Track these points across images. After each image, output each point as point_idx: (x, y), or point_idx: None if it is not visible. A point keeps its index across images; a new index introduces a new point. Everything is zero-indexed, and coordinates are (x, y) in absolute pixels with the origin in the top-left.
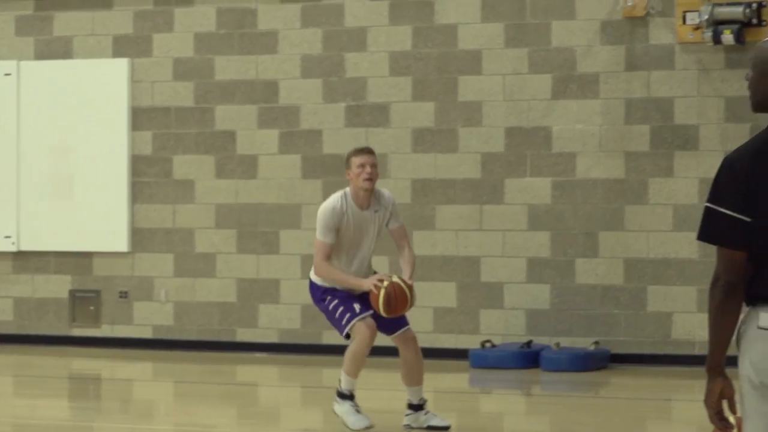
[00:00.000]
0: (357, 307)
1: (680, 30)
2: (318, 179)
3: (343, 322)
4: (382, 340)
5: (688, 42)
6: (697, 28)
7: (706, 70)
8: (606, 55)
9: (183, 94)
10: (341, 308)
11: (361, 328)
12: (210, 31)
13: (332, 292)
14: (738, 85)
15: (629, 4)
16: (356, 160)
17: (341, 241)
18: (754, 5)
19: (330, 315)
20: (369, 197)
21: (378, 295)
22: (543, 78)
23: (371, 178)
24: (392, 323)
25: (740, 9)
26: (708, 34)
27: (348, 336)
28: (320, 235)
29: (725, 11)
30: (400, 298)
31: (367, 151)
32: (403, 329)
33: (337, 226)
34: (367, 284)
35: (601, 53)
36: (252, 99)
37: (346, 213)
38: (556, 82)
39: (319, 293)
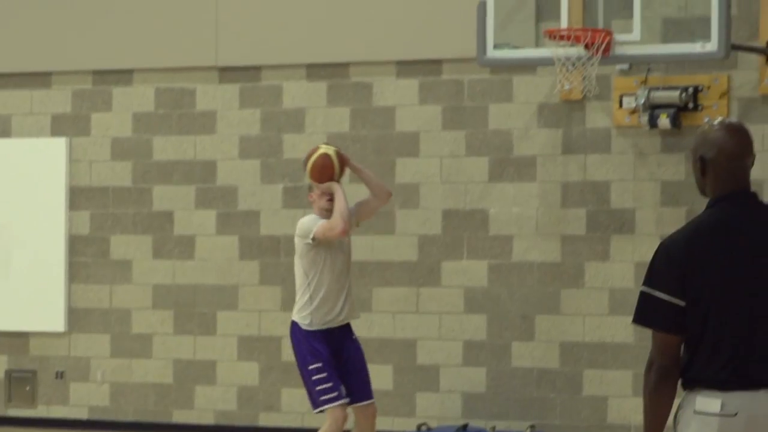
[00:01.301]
0: (342, 389)
1: (617, 114)
2: (255, 260)
3: (322, 398)
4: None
5: (625, 126)
6: (633, 111)
7: (642, 154)
8: (543, 138)
9: (121, 174)
10: (326, 384)
11: (337, 413)
12: (148, 110)
13: (317, 353)
14: (674, 169)
15: (566, 87)
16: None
17: (322, 257)
18: (690, 90)
19: (309, 381)
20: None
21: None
22: (480, 160)
23: (331, 200)
24: (359, 391)
25: (676, 93)
26: (644, 118)
27: (320, 410)
28: (319, 227)
29: (662, 95)
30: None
31: None
32: (367, 401)
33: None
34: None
35: (538, 136)
36: (190, 179)
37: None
38: (493, 164)
39: (303, 348)
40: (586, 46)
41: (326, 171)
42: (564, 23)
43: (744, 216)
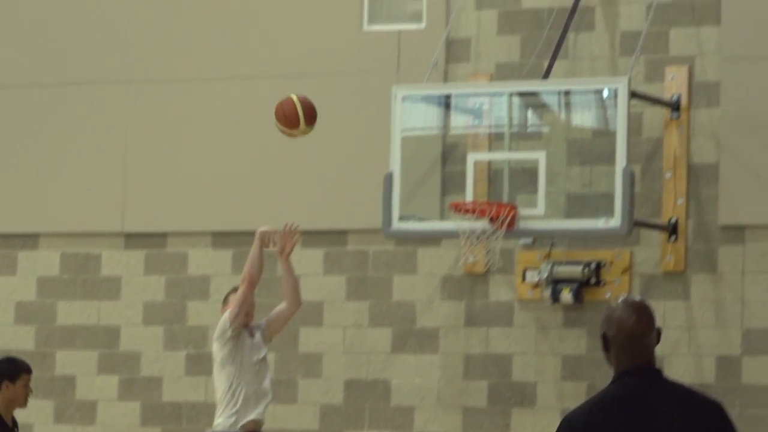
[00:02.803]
0: None
1: (520, 287)
2: (157, 427)
3: None
4: None
5: (528, 299)
6: (536, 286)
7: (544, 327)
8: (446, 311)
9: (24, 338)
10: None
11: None
12: (53, 275)
13: None
14: (576, 343)
15: (470, 260)
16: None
17: (245, 360)
18: (593, 265)
19: None
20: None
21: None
22: (383, 331)
23: (249, 314)
24: None
25: (579, 268)
26: (547, 293)
27: None
28: (229, 312)
29: (564, 270)
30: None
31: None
32: None
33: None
34: (258, 233)
35: (441, 308)
36: (93, 344)
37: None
38: (396, 335)
39: None
40: (491, 220)
41: (291, 114)
42: (469, 197)
43: (646, 391)
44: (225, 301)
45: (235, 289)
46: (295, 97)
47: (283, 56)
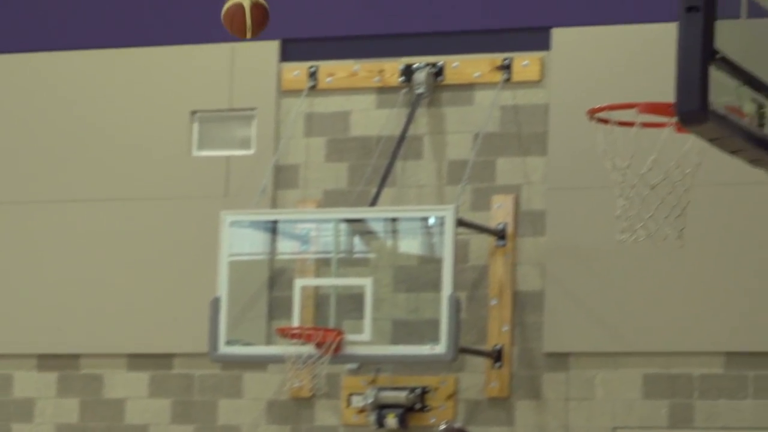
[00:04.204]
0: None
1: (345, 412)
2: None
3: None
4: None
5: (353, 424)
6: (361, 411)
7: None
8: None
9: None
10: None
11: None
12: None
13: None
14: None
15: (296, 385)
16: None
17: None
18: (418, 390)
19: None
20: None
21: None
22: None
23: None
24: None
25: (404, 394)
26: (372, 417)
27: None
28: None
29: (389, 395)
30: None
31: None
32: None
33: None
34: None
35: None
36: None
37: None
38: None
39: None
40: (317, 345)
41: (236, 19)
42: (296, 322)
43: None
44: None
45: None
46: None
47: (113, 180)
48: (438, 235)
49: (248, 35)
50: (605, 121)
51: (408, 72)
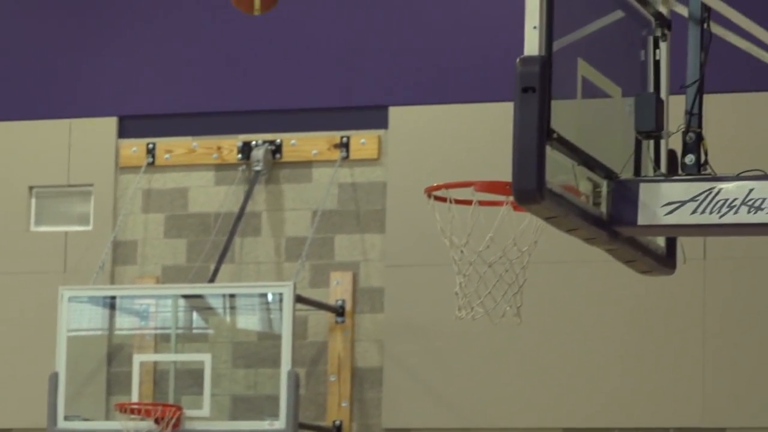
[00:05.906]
0: None
1: None
2: None
3: None
4: None
5: None
6: None
7: None
8: None
9: None
10: None
11: None
12: None
13: None
14: None
15: None
16: None
17: None
18: None
19: None
20: None
21: None
22: None
23: None
24: None
25: None
26: None
27: None
28: None
29: None
30: None
31: None
32: None
33: None
34: None
35: None
36: None
37: None
38: None
39: None
40: (156, 421)
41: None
42: (135, 397)
43: None
44: None
45: None
46: None
47: None
48: (277, 312)
49: (256, 11)
50: (443, 199)
51: (246, 149)
